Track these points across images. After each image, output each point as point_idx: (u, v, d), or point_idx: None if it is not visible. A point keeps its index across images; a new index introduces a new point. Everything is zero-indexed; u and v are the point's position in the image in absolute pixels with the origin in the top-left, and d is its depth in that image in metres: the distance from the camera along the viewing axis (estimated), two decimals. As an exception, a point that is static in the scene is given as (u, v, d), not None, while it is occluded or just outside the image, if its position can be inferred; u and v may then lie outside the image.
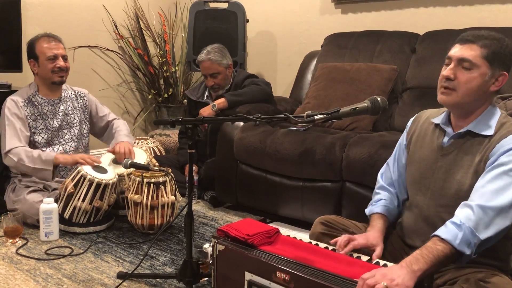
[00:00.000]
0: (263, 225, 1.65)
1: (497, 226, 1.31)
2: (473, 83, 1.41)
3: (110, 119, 2.87)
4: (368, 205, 1.72)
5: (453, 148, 1.49)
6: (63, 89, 2.71)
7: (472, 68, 1.41)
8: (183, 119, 1.78)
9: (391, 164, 1.73)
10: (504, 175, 1.33)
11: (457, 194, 1.44)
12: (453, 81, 1.43)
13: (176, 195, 2.46)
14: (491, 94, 1.44)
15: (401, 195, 1.69)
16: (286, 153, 2.49)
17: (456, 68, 1.43)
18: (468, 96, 1.42)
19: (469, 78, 1.41)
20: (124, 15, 3.99)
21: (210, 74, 3.05)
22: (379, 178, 1.75)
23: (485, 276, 1.32)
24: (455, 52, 1.44)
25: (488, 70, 1.40)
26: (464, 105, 1.44)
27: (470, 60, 1.40)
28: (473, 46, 1.41)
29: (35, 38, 2.60)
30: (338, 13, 3.49)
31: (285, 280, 1.38)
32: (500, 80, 1.42)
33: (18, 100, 2.55)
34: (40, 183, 2.53)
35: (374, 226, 1.61)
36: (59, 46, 2.59)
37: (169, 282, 1.92)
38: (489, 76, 1.41)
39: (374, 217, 1.65)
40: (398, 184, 1.69)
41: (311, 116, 1.52)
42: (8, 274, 1.98)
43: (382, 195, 1.70)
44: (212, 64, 3.03)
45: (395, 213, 1.68)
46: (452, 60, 1.44)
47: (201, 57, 3.06)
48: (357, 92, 2.81)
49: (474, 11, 2.89)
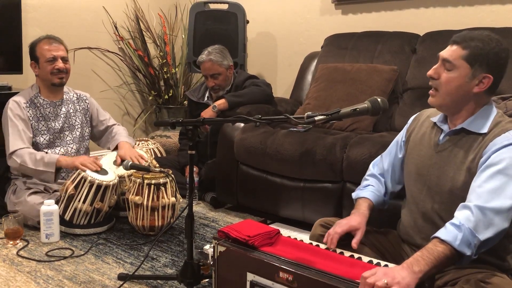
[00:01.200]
0: (264, 226, 1.65)
1: (496, 227, 1.31)
2: (452, 84, 1.43)
3: (110, 124, 2.87)
4: (356, 189, 1.77)
5: (447, 144, 1.50)
6: (64, 91, 2.72)
7: (452, 69, 1.44)
8: (183, 121, 1.78)
9: (385, 156, 1.77)
10: (499, 174, 1.33)
11: (451, 191, 1.46)
12: (436, 80, 1.47)
13: (176, 196, 2.46)
14: (476, 95, 1.44)
15: (390, 187, 1.73)
16: (287, 154, 2.49)
17: (440, 68, 1.47)
18: (449, 96, 1.45)
19: (449, 79, 1.44)
20: (124, 16, 3.99)
21: (210, 75, 3.05)
22: (370, 167, 1.81)
23: (486, 276, 1.33)
24: (442, 52, 1.48)
25: (468, 71, 1.41)
26: (448, 105, 1.47)
27: (451, 61, 1.44)
28: (456, 47, 1.44)
29: (37, 40, 2.61)
30: (338, 14, 3.49)
31: (288, 280, 1.38)
32: (484, 82, 1.41)
33: (21, 101, 2.55)
34: (41, 185, 2.53)
35: (359, 209, 1.65)
36: (59, 48, 2.60)
37: (170, 284, 1.92)
38: (469, 77, 1.42)
39: (360, 201, 1.70)
40: (389, 175, 1.73)
41: (312, 117, 1.52)
42: (9, 276, 1.98)
43: (370, 181, 1.75)
44: (213, 65, 3.02)
45: (381, 201, 1.73)
46: (439, 60, 1.48)
47: (202, 58, 3.05)
48: (358, 92, 2.81)
49: (475, 11, 2.89)
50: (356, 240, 1.53)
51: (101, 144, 2.92)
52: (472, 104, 1.46)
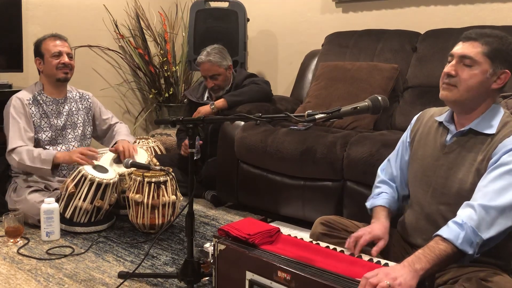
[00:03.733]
0: (264, 224, 1.65)
1: (500, 226, 1.30)
2: (474, 80, 1.41)
3: (113, 123, 2.88)
4: (369, 199, 1.72)
5: (455, 146, 1.48)
6: (68, 90, 2.73)
7: (473, 65, 1.41)
8: (183, 119, 1.78)
9: (392, 160, 1.73)
10: (507, 175, 1.32)
11: (459, 193, 1.44)
12: (454, 77, 1.43)
13: (177, 194, 2.46)
14: (492, 91, 1.44)
15: (401, 191, 1.69)
16: (287, 152, 2.49)
17: (458, 65, 1.44)
18: (469, 93, 1.42)
19: (470, 75, 1.41)
20: (124, 14, 3.99)
21: (210, 76, 3.02)
22: (379, 173, 1.76)
23: (487, 275, 1.32)
24: (457, 49, 1.45)
25: (490, 67, 1.40)
26: (465, 101, 1.44)
27: (471, 57, 1.41)
28: (475, 43, 1.42)
29: (42, 38, 2.65)
30: (339, 12, 3.48)
31: (286, 279, 1.37)
32: (502, 78, 1.42)
33: (24, 98, 2.56)
34: (41, 183, 2.53)
35: (378, 218, 1.61)
36: (64, 45, 2.63)
37: (170, 282, 1.92)
38: (490, 73, 1.41)
39: (377, 209, 1.65)
40: (399, 180, 1.69)
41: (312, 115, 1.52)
42: (10, 274, 1.98)
43: (383, 188, 1.70)
44: (212, 65, 3.00)
45: (396, 207, 1.69)
46: (454, 57, 1.45)
47: (201, 59, 3.02)
48: (358, 91, 2.81)
49: (475, 9, 2.89)
50: (377, 248, 1.50)
51: (105, 143, 2.93)
52: (488, 101, 1.45)
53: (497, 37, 1.42)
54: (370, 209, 1.70)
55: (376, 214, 1.64)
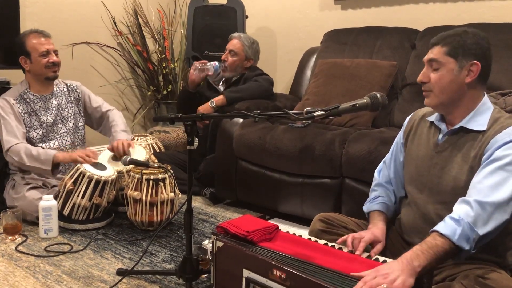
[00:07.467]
0: (263, 221, 1.65)
1: (496, 221, 1.31)
2: (444, 80, 1.46)
3: (105, 110, 2.84)
4: (366, 203, 1.73)
5: (447, 144, 1.50)
6: (55, 83, 2.71)
7: (439, 67, 1.47)
8: (182, 116, 1.78)
9: (388, 161, 1.75)
10: (500, 170, 1.34)
11: (454, 191, 1.45)
12: (427, 83, 1.49)
13: (175, 191, 2.46)
14: (470, 85, 1.45)
15: (398, 193, 1.71)
16: (286, 150, 2.48)
17: (428, 70, 1.50)
18: (444, 94, 1.46)
19: (439, 77, 1.47)
20: (123, 11, 3.97)
21: (230, 50, 3.12)
22: (376, 176, 1.77)
23: (484, 272, 1.33)
24: (425, 56, 1.52)
25: (454, 64, 1.44)
26: (444, 103, 1.48)
27: (436, 59, 1.47)
28: (437, 47, 1.49)
29: (23, 34, 2.60)
30: (337, 9, 3.48)
31: (281, 278, 1.37)
32: (473, 69, 1.44)
33: (10, 98, 2.55)
34: (39, 180, 2.53)
35: (375, 223, 1.63)
36: (49, 42, 2.61)
37: (168, 279, 1.92)
38: (457, 70, 1.44)
39: (373, 214, 1.67)
40: (395, 182, 1.71)
41: (311, 113, 1.52)
42: (8, 271, 1.98)
43: (379, 192, 1.72)
44: (238, 43, 3.12)
45: (393, 210, 1.70)
46: (425, 65, 1.52)
47: (235, 34, 3.17)
48: (357, 88, 2.80)
49: (474, 6, 2.88)
50: (376, 250, 1.52)
51: (102, 132, 2.90)
52: (468, 97, 1.46)
53: (455, 34, 1.46)
54: (367, 213, 1.71)
55: (373, 219, 1.66)
